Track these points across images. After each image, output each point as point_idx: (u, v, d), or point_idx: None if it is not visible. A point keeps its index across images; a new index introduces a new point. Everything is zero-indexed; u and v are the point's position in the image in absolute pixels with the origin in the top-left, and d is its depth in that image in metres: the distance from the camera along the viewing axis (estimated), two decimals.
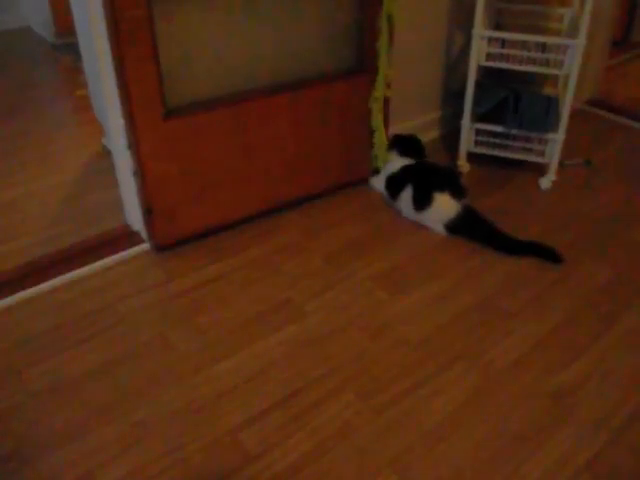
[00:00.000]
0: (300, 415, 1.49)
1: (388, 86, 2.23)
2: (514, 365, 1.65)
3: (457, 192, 2.14)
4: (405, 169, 2.26)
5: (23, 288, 1.85)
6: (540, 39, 2.31)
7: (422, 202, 2.14)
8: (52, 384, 1.56)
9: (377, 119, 2.26)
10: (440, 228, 2.14)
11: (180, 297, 1.85)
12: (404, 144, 2.37)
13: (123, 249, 2.00)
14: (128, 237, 2.06)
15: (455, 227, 2.12)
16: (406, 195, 2.19)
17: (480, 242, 2.10)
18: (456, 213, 2.11)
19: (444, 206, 2.12)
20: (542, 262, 2.03)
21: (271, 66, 2.05)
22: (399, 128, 2.51)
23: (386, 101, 2.27)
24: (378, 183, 2.35)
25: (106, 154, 2.46)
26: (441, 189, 2.12)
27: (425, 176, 2.20)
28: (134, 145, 1.84)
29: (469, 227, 2.12)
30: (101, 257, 1.96)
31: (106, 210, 2.21)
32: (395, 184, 2.25)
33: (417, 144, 2.39)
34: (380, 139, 2.30)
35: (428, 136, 2.74)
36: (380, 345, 1.70)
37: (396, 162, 2.31)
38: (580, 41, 2.16)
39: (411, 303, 1.85)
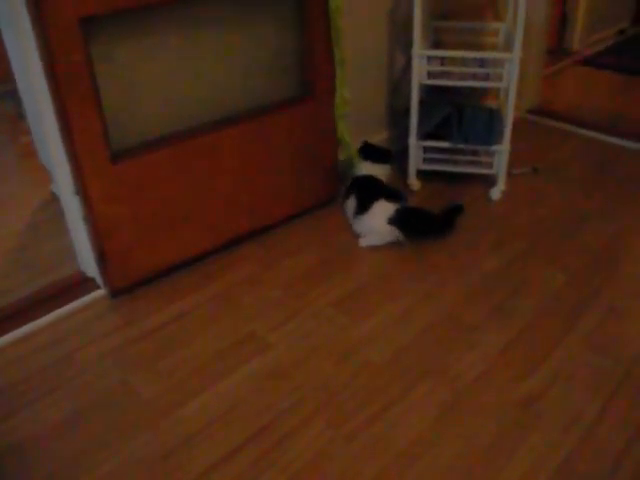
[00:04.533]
0: (272, 450, 1.47)
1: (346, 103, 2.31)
2: (480, 377, 1.66)
3: (394, 197, 2.22)
4: (355, 180, 2.34)
5: None
6: (478, 55, 2.37)
7: (362, 210, 2.22)
8: (13, 444, 1.51)
9: (343, 134, 2.36)
10: (383, 227, 2.17)
11: (140, 341, 1.82)
12: (369, 151, 2.44)
13: (78, 297, 1.96)
14: (82, 284, 2.02)
15: (396, 219, 2.16)
16: (350, 203, 2.29)
17: (423, 231, 2.23)
18: (394, 210, 2.17)
19: (382, 208, 2.18)
20: (499, 272, 2.06)
21: (216, 100, 2.05)
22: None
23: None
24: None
25: (55, 200, 2.42)
26: (379, 197, 2.20)
27: (367, 187, 2.29)
28: (82, 190, 1.81)
29: (409, 218, 2.19)
30: (56, 307, 1.92)
31: (58, 258, 2.17)
32: (346, 192, 2.36)
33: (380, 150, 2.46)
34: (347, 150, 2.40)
35: None
36: (346, 371, 1.69)
37: (362, 168, 2.39)
38: (516, 54, 2.22)
39: (373, 326, 1.85)
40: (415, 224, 2.21)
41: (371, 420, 1.54)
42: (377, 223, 2.18)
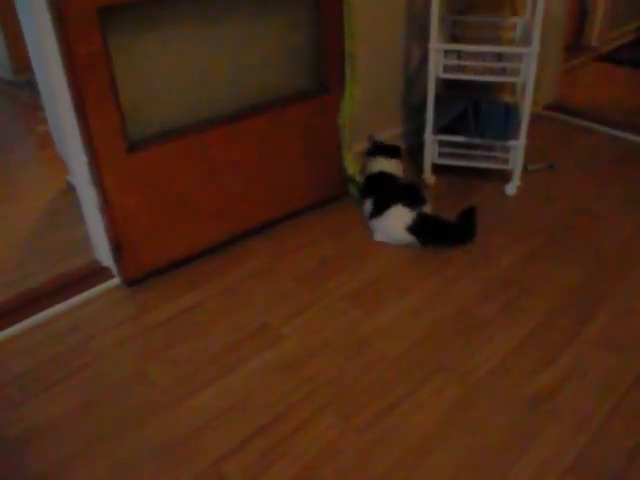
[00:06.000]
0: (282, 441, 1.48)
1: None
2: (492, 373, 1.66)
3: (413, 202, 2.17)
4: (370, 180, 2.33)
5: None
6: (495, 49, 2.36)
7: (377, 213, 2.20)
8: (27, 430, 1.53)
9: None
10: (400, 234, 2.15)
11: (154, 330, 1.83)
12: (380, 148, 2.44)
13: (93, 286, 1.97)
14: (97, 273, 2.03)
15: (414, 229, 2.13)
16: (367, 206, 2.27)
17: (442, 241, 2.17)
18: (412, 219, 2.13)
19: (398, 214, 2.14)
20: (514, 268, 2.05)
21: (232, 92, 2.05)
22: (364, 144, 2.53)
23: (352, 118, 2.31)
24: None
25: (71, 190, 2.43)
26: (397, 201, 2.16)
27: (384, 189, 2.25)
28: (98, 181, 1.82)
29: (427, 227, 2.15)
30: (70, 296, 1.93)
31: (74, 247, 2.18)
32: (362, 193, 2.35)
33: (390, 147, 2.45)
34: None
35: None
36: (358, 364, 1.69)
37: (373, 166, 2.37)
38: (534, 48, 2.20)
39: (386, 319, 1.85)
40: (433, 233, 2.17)
41: (382, 414, 1.54)
42: (393, 229, 2.15)
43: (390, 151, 2.42)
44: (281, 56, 2.13)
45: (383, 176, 2.32)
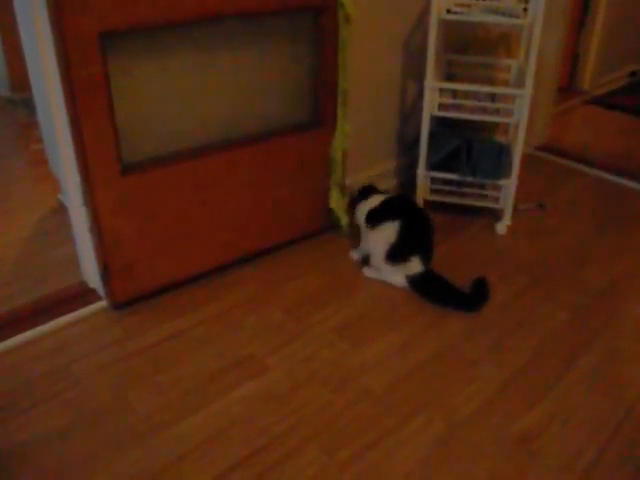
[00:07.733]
0: (264, 473, 1.45)
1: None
2: (477, 412, 1.65)
3: (427, 257, 2.12)
4: (387, 205, 2.18)
5: None
6: (489, 89, 2.39)
7: (397, 257, 2.10)
8: (2, 453, 1.49)
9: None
10: (399, 280, 2.13)
11: (138, 356, 1.81)
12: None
13: (79, 307, 1.95)
14: (84, 295, 2.01)
15: (416, 281, 2.10)
16: (383, 235, 2.11)
17: (439, 299, 2.08)
18: (420, 272, 2.09)
19: (412, 267, 2.10)
20: (502, 307, 2.06)
21: (228, 121, 2.07)
22: (357, 177, 2.55)
23: (344, 153, 2.32)
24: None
25: (62, 209, 2.42)
26: (417, 251, 2.08)
27: (411, 229, 2.10)
28: (90, 202, 1.82)
29: (428, 283, 2.09)
30: (56, 316, 1.91)
31: (61, 267, 2.17)
32: (376, 217, 2.16)
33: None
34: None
35: (385, 185, 2.78)
36: (343, 398, 1.68)
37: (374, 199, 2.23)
38: (527, 90, 2.24)
39: (373, 354, 1.84)
40: (436, 293, 2.08)
41: (366, 450, 1.52)
42: (397, 279, 2.12)
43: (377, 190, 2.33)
44: (278, 88, 2.15)
45: (405, 201, 2.20)
